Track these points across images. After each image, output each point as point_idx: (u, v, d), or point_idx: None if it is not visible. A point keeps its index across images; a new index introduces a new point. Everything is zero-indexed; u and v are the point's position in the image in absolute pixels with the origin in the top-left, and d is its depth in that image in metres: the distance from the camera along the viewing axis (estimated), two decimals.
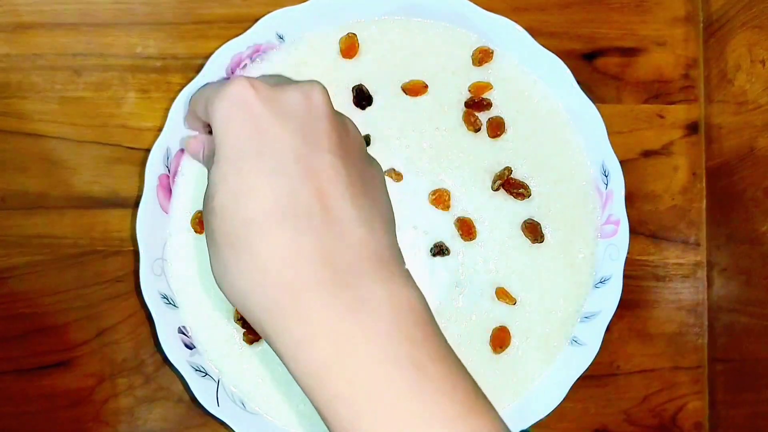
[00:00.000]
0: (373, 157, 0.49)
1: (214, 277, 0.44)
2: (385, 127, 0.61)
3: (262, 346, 0.60)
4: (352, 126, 0.47)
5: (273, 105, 0.43)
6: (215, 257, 0.43)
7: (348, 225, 0.42)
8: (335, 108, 0.46)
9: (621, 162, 0.60)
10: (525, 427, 0.60)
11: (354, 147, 0.46)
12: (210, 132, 0.51)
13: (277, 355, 0.42)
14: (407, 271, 0.44)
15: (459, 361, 0.42)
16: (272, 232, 0.41)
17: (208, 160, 0.51)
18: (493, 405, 0.41)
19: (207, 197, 0.44)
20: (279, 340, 0.41)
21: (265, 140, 0.42)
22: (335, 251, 0.41)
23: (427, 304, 0.43)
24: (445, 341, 0.42)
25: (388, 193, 0.48)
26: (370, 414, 0.39)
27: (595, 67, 0.65)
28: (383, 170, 0.60)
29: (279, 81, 0.46)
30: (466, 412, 0.39)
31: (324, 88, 0.45)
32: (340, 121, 0.45)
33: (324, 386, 0.40)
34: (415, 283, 0.43)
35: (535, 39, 0.59)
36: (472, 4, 0.59)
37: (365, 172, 0.46)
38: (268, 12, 0.58)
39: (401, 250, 0.60)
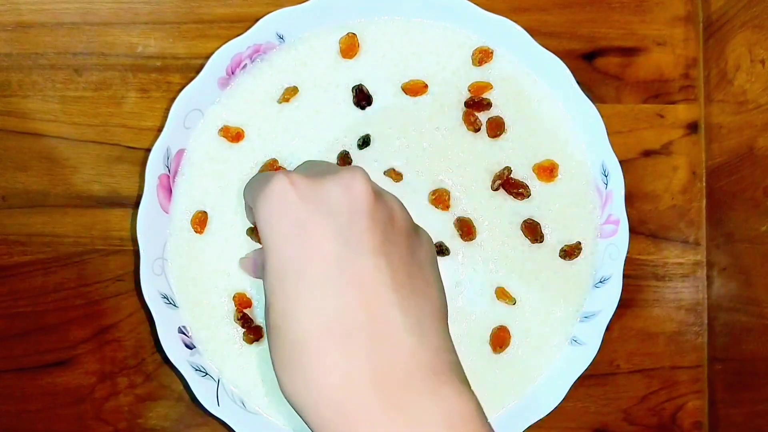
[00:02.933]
0: (420, 229, 0.47)
1: (277, 377, 0.44)
2: (385, 127, 0.61)
3: (262, 346, 0.60)
4: (397, 206, 0.46)
5: (314, 203, 0.42)
6: (276, 363, 0.43)
7: (397, 335, 0.41)
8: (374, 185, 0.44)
9: (621, 162, 0.60)
10: (525, 426, 0.60)
11: (400, 234, 0.44)
12: None
13: None
14: (459, 371, 0.43)
15: None
16: (320, 354, 0.40)
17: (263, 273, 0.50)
18: None
19: (265, 310, 0.43)
20: None
21: (306, 247, 0.41)
22: (385, 369, 0.40)
23: (480, 407, 0.41)
24: None
25: (438, 272, 0.46)
26: None
27: (595, 67, 0.65)
28: (385, 170, 0.60)
29: (320, 169, 0.45)
30: None
31: (365, 175, 0.44)
32: (382, 208, 0.44)
33: None
34: (468, 384, 0.42)
35: (535, 39, 0.59)
36: (472, 4, 0.59)
37: (413, 261, 0.44)
38: (269, 12, 0.58)
39: None
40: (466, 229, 0.61)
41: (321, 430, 0.41)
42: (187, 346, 0.59)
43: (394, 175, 0.60)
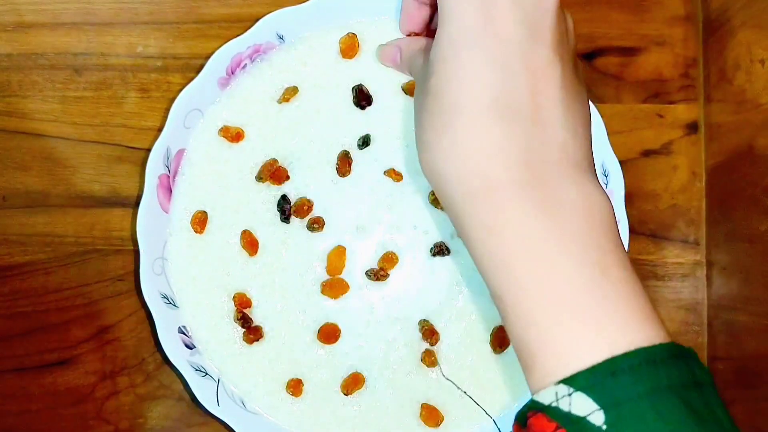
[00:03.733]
0: (578, 61, 0.49)
1: (419, 152, 0.45)
2: (385, 127, 0.61)
3: (262, 346, 0.60)
4: (572, 26, 0.47)
5: None
6: (420, 136, 0.44)
7: (553, 126, 0.42)
8: None
9: (621, 161, 0.60)
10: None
11: (571, 48, 0.46)
12: (423, 16, 0.52)
13: (462, 237, 0.44)
14: (597, 179, 0.44)
15: (637, 275, 0.42)
16: (479, 121, 0.41)
17: (410, 63, 0.51)
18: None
19: (422, 76, 0.44)
20: (468, 222, 0.42)
21: (490, 24, 0.42)
22: (537, 151, 0.42)
23: (614, 213, 0.43)
24: (625, 251, 0.43)
25: (587, 96, 0.48)
26: (550, 307, 0.40)
27: (594, 67, 0.65)
28: (385, 170, 0.60)
29: None
30: (643, 319, 0.41)
31: None
32: (563, 16, 0.45)
33: (507, 274, 0.42)
34: (604, 191, 0.44)
35: None
36: None
37: (576, 71, 0.46)
38: (269, 12, 0.58)
39: (401, 249, 0.60)
40: None
41: (458, 199, 0.42)
42: (187, 346, 0.59)
43: (394, 175, 0.60)
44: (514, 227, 0.41)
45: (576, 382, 0.39)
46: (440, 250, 0.60)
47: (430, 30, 0.58)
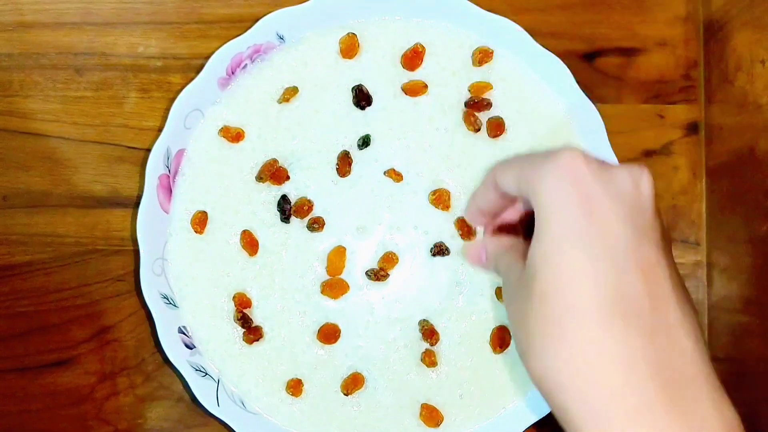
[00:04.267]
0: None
1: (520, 354, 0.42)
2: (385, 127, 0.61)
3: (262, 346, 0.60)
4: (663, 217, 0.45)
5: (605, 184, 0.41)
6: (527, 343, 0.41)
7: (677, 332, 0.39)
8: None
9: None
10: (525, 427, 0.60)
11: (669, 243, 0.44)
12: (495, 209, 0.50)
13: None
14: (724, 391, 0.41)
15: None
16: (597, 325, 0.38)
17: (496, 262, 0.49)
18: None
19: (518, 278, 0.42)
20: None
21: (594, 221, 0.40)
22: (665, 362, 0.38)
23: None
24: None
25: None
26: None
27: (595, 68, 0.65)
28: (385, 170, 0.60)
29: (600, 160, 0.44)
30: None
31: (652, 176, 0.43)
32: (660, 215, 0.43)
33: None
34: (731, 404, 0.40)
35: (536, 39, 0.60)
36: (472, 4, 0.59)
37: (679, 275, 0.43)
38: (269, 12, 0.59)
39: (401, 249, 0.60)
40: (466, 229, 0.61)
41: (578, 413, 0.39)
42: (187, 346, 0.59)
43: (394, 175, 0.60)
44: None
45: None
46: (440, 250, 0.60)
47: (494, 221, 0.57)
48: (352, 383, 0.60)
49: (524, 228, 0.49)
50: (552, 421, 0.62)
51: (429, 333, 0.60)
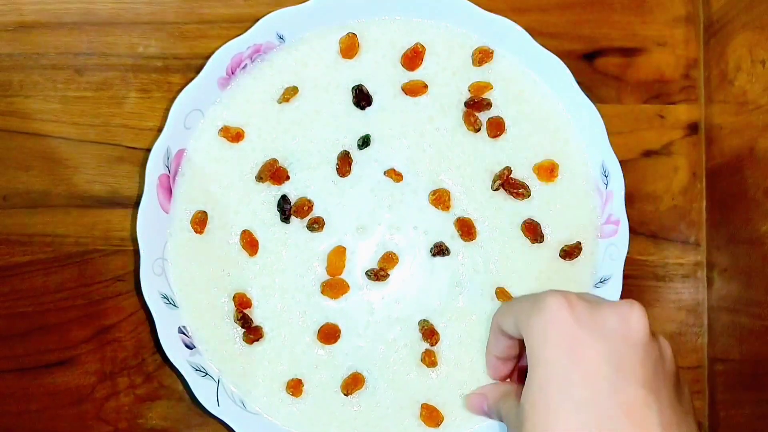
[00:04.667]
0: (683, 383, 0.47)
1: None
2: (385, 127, 0.61)
3: (262, 346, 0.60)
4: (667, 350, 0.45)
5: (589, 325, 0.42)
6: None
7: None
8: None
9: (621, 162, 0.60)
10: None
11: (668, 376, 0.44)
12: (513, 353, 0.50)
13: None
14: None
15: None
16: None
17: (497, 408, 0.50)
18: None
19: (515, 421, 0.43)
20: None
21: (578, 366, 0.41)
22: None
23: None
24: None
25: (696, 422, 0.45)
26: None
27: (595, 68, 0.65)
28: (385, 170, 0.60)
29: (594, 298, 0.45)
30: None
31: (643, 311, 0.43)
32: (655, 346, 0.44)
33: None
34: None
35: (536, 39, 0.60)
36: (472, 4, 0.59)
37: (677, 404, 0.43)
38: (269, 12, 0.59)
39: (401, 249, 0.60)
40: (466, 229, 0.61)
41: None
42: (187, 346, 0.59)
43: (394, 175, 0.60)
44: None
45: None
46: (440, 250, 0.60)
47: (519, 375, 0.58)
48: (352, 383, 0.60)
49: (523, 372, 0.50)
50: None
51: (429, 333, 0.60)
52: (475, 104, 0.61)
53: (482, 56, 0.61)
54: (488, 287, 0.61)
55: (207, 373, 0.59)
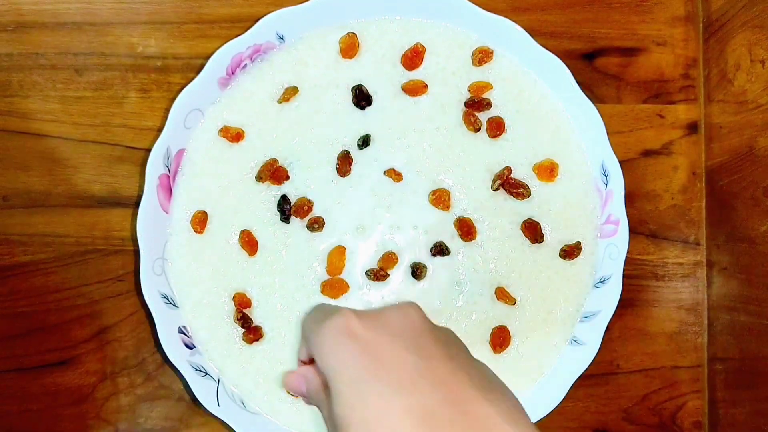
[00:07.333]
0: (476, 359, 0.48)
1: None
2: (385, 127, 0.61)
3: (262, 346, 0.60)
4: (450, 333, 0.47)
5: (378, 327, 0.43)
6: None
7: (492, 423, 0.41)
8: None
9: (621, 162, 0.60)
10: None
11: (460, 351, 0.45)
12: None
13: None
14: None
15: None
16: None
17: (316, 394, 0.49)
18: None
19: (330, 421, 0.43)
20: None
21: (381, 361, 0.42)
22: None
23: None
24: None
25: (506, 385, 0.46)
26: None
27: (595, 67, 0.65)
28: (385, 170, 0.60)
29: (371, 310, 0.47)
30: None
31: (418, 306, 0.46)
32: (439, 330, 0.46)
33: None
34: None
35: (535, 39, 0.60)
36: (472, 4, 0.59)
37: (480, 370, 0.45)
38: (269, 12, 0.59)
39: (401, 249, 0.60)
40: (466, 229, 0.61)
41: None
42: (187, 346, 0.59)
43: (394, 175, 0.60)
44: None
45: None
46: (440, 250, 0.60)
47: None
48: None
49: None
50: (550, 423, 0.62)
51: None
52: (475, 104, 0.61)
53: (482, 56, 0.61)
54: (488, 287, 0.61)
55: (207, 373, 0.59)
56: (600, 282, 0.61)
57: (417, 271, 0.60)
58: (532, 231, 0.61)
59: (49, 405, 0.63)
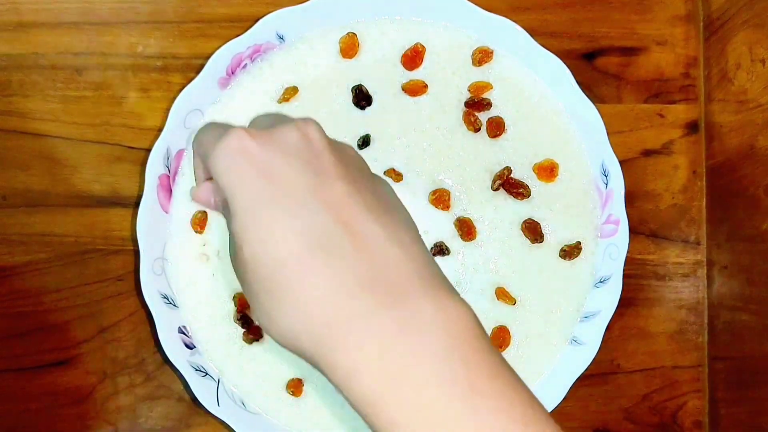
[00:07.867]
0: (378, 176, 0.48)
1: (260, 324, 0.43)
2: (385, 127, 0.61)
3: (262, 346, 0.60)
4: (351, 151, 0.47)
5: (274, 147, 0.43)
6: (256, 306, 0.42)
7: (379, 245, 0.41)
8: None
9: (621, 161, 0.60)
10: None
11: (359, 171, 0.45)
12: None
13: (336, 388, 0.41)
14: (449, 282, 0.42)
15: (514, 374, 0.40)
16: (306, 270, 0.40)
17: (223, 208, 0.50)
18: (550, 415, 0.40)
19: (235, 250, 0.43)
20: (332, 373, 0.40)
21: (275, 182, 0.42)
22: (373, 274, 0.40)
23: (476, 317, 0.41)
24: (499, 355, 0.41)
25: (405, 208, 0.46)
26: None
27: (595, 67, 0.65)
28: (385, 170, 0.60)
29: (270, 120, 0.46)
30: (523, 427, 0.38)
31: (317, 122, 0.45)
32: (339, 149, 0.45)
33: (379, 413, 0.39)
34: (460, 296, 0.42)
35: (535, 39, 0.59)
36: (472, 4, 0.59)
37: (377, 192, 0.45)
38: (269, 12, 0.58)
39: None
40: (466, 229, 0.61)
41: (316, 354, 0.40)
42: (187, 346, 0.59)
43: (394, 175, 0.60)
44: (373, 363, 0.39)
45: None
46: (440, 250, 0.60)
47: None
48: None
49: None
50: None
51: None
52: (475, 104, 0.61)
53: (482, 56, 0.61)
54: (488, 287, 0.61)
55: (207, 373, 0.59)
56: (600, 282, 0.61)
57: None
58: (532, 231, 0.61)
59: (48, 405, 0.63)
